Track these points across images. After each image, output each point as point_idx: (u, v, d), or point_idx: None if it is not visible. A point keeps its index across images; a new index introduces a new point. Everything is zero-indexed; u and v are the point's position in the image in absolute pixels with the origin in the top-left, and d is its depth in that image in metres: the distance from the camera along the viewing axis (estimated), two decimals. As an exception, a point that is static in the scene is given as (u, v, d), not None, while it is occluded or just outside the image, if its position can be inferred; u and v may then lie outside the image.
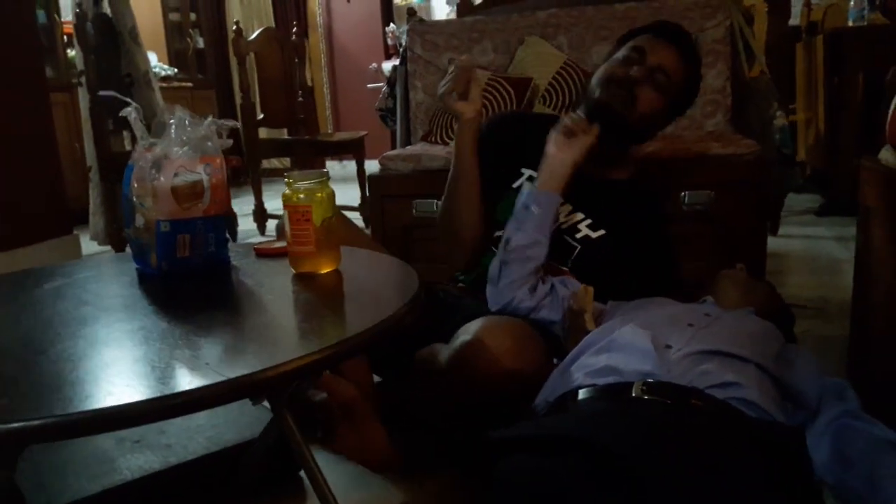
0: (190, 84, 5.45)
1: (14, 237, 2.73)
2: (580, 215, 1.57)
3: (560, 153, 1.48)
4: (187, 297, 0.91)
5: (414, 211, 2.01)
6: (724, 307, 1.55)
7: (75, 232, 3.11)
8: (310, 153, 3.56)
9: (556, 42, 2.32)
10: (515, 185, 1.61)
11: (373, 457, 1.21)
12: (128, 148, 3.50)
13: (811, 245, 3.05)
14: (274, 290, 0.89)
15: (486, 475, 0.97)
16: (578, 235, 1.55)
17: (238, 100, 3.83)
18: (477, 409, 1.25)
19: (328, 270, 0.93)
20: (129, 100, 0.97)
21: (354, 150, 3.67)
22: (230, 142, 0.96)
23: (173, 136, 0.94)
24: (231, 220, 3.54)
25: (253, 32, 3.87)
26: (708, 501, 0.85)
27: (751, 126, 2.14)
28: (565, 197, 1.59)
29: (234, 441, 1.27)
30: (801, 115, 4.01)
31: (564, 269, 1.56)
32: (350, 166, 4.47)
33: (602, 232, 1.54)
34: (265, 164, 5.75)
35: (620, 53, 1.49)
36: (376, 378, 1.49)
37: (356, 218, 3.47)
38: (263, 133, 4.48)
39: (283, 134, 4.28)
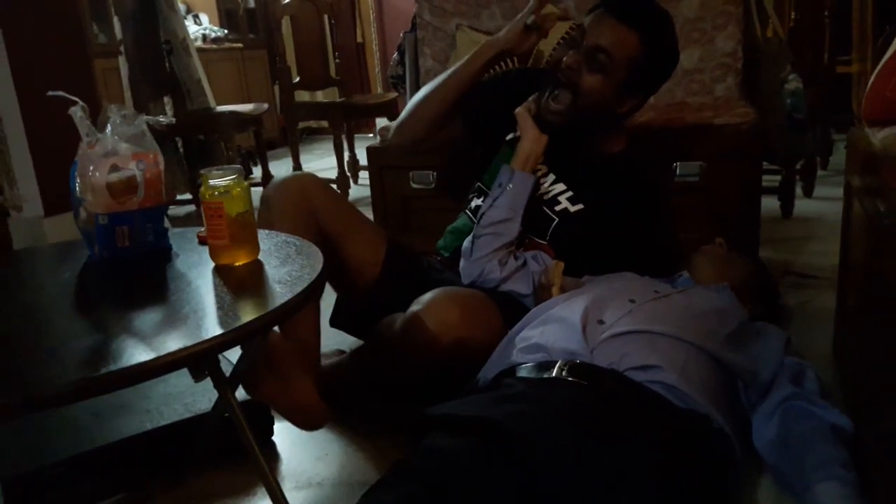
0: (240, 45, 5.54)
1: (58, 203, 2.90)
2: (562, 186, 1.59)
3: (536, 134, 1.53)
4: (110, 286, 1.00)
5: (411, 182, 2.05)
6: (699, 282, 1.55)
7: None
8: (342, 116, 3.61)
9: (563, 6, 2.28)
10: (509, 137, 1.66)
11: (295, 409, 1.26)
12: (169, 114, 3.65)
13: (844, 208, 2.93)
14: (188, 279, 0.97)
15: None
16: (557, 208, 1.57)
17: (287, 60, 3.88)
18: (430, 375, 1.31)
19: (245, 262, 0.99)
20: (75, 98, 1.04)
21: (387, 112, 3.71)
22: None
23: (109, 133, 1.01)
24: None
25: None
26: (593, 482, 0.89)
27: (761, 90, 2.07)
28: (549, 165, 1.61)
29: (207, 408, 1.37)
30: (855, 66, 3.79)
31: (542, 242, 1.59)
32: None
33: (580, 206, 1.56)
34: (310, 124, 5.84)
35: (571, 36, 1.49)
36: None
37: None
38: (307, 96, 4.55)
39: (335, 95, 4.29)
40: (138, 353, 0.71)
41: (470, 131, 1.76)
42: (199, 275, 1.00)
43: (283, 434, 1.44)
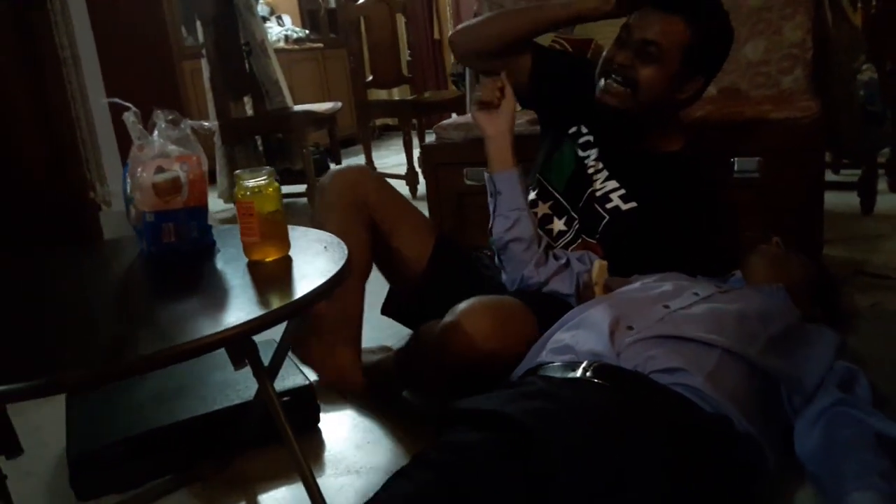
0: (321, 45, 5.70)
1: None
2: (615, 184, 1.58)
3: (493, 130, 1.53)
4: (151, 279, 1.08)
5: (465, 179, 2.08)
6: (752, 283, 1.50)
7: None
8: (411, 113, 3.67)
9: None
10: (571, 131, 1.66)
11: (332, 373, 1.34)
12: (249, 113, 3.81)
13: (934, 205, 2.75)
14: (221, 274, 1.03)
15: None
16: (609, 206, 1.56)
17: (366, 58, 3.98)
18: (467, 380, 1.33)
19: (275, 258, 1.05)
20: (129, 104, 1.12)
21: (456, 108, 3.74)
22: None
23: (156, 136, 1.09)
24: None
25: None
26: (604, 480, 0.89)
27: (832, 82, 1.97)
28: (604, 162, 1.60)
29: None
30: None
31: (592, 241, 1.58)
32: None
33: (633, 205, 1.54)
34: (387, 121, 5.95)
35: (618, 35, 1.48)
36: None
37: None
38: (384, 94, 4.65)
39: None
40: (156, 342, 0.77)
41: (537, 91, 1.69)
42: (232, 270, 1.06)
43: (329, 422, 1.50)
